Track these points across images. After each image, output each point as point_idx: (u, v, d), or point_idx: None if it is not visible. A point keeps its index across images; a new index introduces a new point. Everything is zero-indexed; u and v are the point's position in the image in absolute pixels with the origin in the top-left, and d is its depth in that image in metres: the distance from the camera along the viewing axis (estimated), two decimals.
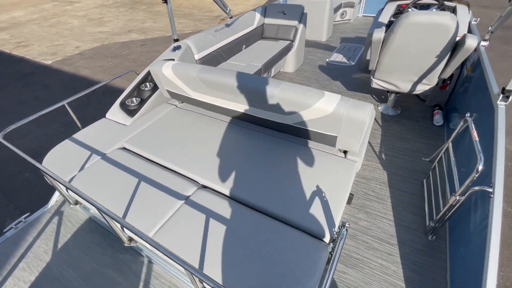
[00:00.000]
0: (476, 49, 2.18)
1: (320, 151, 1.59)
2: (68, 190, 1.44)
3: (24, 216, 1.72)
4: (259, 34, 3.52)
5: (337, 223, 1.20)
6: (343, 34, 4.87)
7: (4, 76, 5.68)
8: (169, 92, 1.98)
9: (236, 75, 1.54)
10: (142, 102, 2.05)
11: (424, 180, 1.96)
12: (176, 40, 2.46)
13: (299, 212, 1.25)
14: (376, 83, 2.45)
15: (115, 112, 2.01)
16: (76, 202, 1.57)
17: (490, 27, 2.24)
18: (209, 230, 1.21)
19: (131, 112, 1.98)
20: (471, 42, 1.84)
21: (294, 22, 3.34)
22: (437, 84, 2.29)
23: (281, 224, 1.22)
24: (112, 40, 7.38)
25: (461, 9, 2.57)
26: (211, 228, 1.21)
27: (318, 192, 1.33)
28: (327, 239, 1.16)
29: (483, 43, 2.21)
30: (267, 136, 1.72)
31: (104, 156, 1.66)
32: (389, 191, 1.92)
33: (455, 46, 2.03)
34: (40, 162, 1.39)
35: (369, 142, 2.35)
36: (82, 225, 1.68)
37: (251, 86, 1.47)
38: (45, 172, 1.20)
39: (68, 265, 1.46)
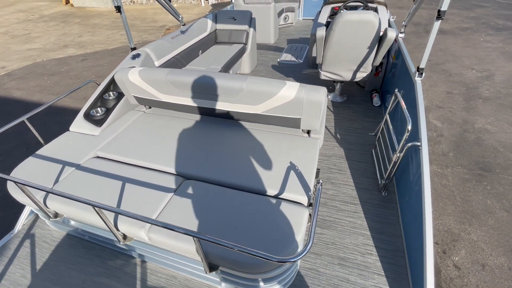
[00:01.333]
0: (396, 40, 2.70)
1: (287, 134, 1.81)
2: (47, 202, 1.38)
3: None
4: (213, 39, 3.69)
5: (311, 188, 1.42)
6: (289, 36, 5.34)
7: None
8: (136, 98, 2.00)
9: (204, 74, 1.67)
10: (108, 111, 2.02)
11: (373, 150, 2.37)
12: (134, 49, 2.46)
13: (278, 185, 1.44)
14: (324, 75, 2.84)
15: (80, 124, 1.95)
16: (56, 215, 1.50)
17: (403, 22, 2.84)
18: (201, 216, 1.31)
19: (98, 122, 1.94)
20: (391, 34, 2.30)
21: (245, 27, 3.61)
22: (371, 72, 2.76)
23: (264, 198, 1.39)
24: (46, 57, 6.74)
25: (381, 9, 3.15)
26: (202, 213, 1.31)
27: (291, 167, 1.54)
28: (305, 202, 1.37)
29: (400, 35, 2.78)
30: (239, 128, 1.87)
31: (78, 167, 1.61)
32: (347, 164, 2.26)
33: (380, 39, 2.50)
34: None
35: (325, 126, 2.68)
36: (61, 242, 1.60)
37: (221, 82, 1.62)
38: (19, 183, 1.16)
39: (54, 283, 1.39)
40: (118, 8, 2.19)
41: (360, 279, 1.45)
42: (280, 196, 1.40)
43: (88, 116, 1.97)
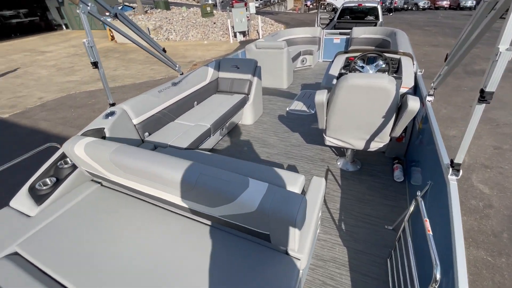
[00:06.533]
0: (424, 104, 2.18)
1: (257, 244, 1.36)
2: None
3: None
4: (213, 88, 3.48)
5: None
6: (304, 80, 5.03)
7: None
8: (88, 172, 1.72)
9: (152, 160, 1.33)
10: (58, 182, 1.73)
11: (388, 260, 1.72)
12: (112, 105, 2.30)
13: None
14: (329, 141, 2.35)
15: (20, 199, 1.65)
16: None
17: (432, 83, 2.21)
18: None
19: (40, 198, 1.64)
20: (414, 105, 1.79)
21: (248, 76, 3.35)
22: (390, 140, 2.23)
23: None
24: (79, 90, 7.23)
25: (406, 60, 2.65)
26: None
27: None
28: None
29: (428, 98, 2.17)
30: (197, 226, 1.49)
31: None
32: (350, 277, 1.66)
33: (399, 107, 2.02)
34: None
35: (328, 209, 2.17)
36: None
37: (168, 175, 1.27)
38: None
39: None
40: (95, 64, 2.04)
41: None
42: None
43: (32, 190, 1.68)
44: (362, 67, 2.58)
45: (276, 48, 4.29)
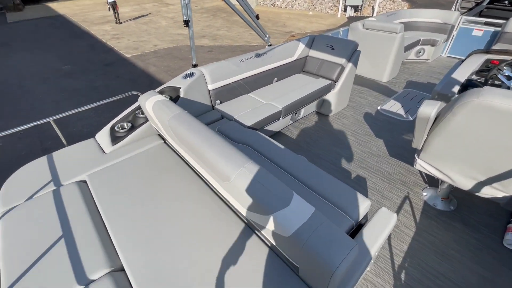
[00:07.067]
0: None
1: (284, 265, 1.16)
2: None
3: None
4: (299, 66, 3.13)
5: None
6: (412, 77, 4.07)
7: (92, 63, 6.64)
8: (154, 127, 1.80)
9: (203, 137, 1.23)
10: (131, 129, 1.89)
11: None
12: (195, 66, 2.32)
13: None
14: (421, 165, 1.81)
15: (103, 135, 1.89)
16: None
17: None
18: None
19: (115, 139, 1.84)
20: None
21: (342, 60, 2.85)
22: None
23: None
24: (186, 43, 7.96)
25: None
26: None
27: None
28: None
29: None
30: (231, 215, 1.38)
31: (57, 189, 1.52)
32: None
33: None
34: None
35: (389, 246, 1.72)
36: None
37: (212, 158, 1.16)
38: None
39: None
40: (187, 22, 2.04)
41: None
42: None
43: (112, 130, 1.89)
44: (510, 78, 1.84)
45: (388, 31, 3.54)
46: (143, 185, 1.56)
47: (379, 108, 3.26)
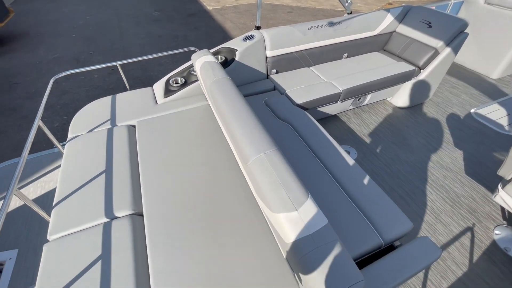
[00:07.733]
0: None
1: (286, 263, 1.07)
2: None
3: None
4: (380, 43, 2.60)
5: None
6: None
7: (178, 11, 6.99)
8: (201, 87, 1.78)
9: (236, 111, 1.16)
10: (184, 85, 1.93)
11: None
12: (258, 28, 2.13)
13: None
14: (503, 199, 1.40)
15: (159, 86, 1.98)
16: None
17: None
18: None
19: (168, 92, 1.91)
20: None
21: (438, 42, 2.25)
22: None
23: None
24: (268, 1, 7.58)
25: None
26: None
27: None
28: None
29: None
30: (249, 195, 1.33)
31: (111, 129, 1.69)
32: None
33: None
34: None
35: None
36: None
37: (238, 134, 1.08)
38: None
39: None
40: None
41: None
42: None
43: (167, 82, 1.95)
44: None
45: None
46: (180, 142, 1.63)
47: (472, 111, 2.61)
